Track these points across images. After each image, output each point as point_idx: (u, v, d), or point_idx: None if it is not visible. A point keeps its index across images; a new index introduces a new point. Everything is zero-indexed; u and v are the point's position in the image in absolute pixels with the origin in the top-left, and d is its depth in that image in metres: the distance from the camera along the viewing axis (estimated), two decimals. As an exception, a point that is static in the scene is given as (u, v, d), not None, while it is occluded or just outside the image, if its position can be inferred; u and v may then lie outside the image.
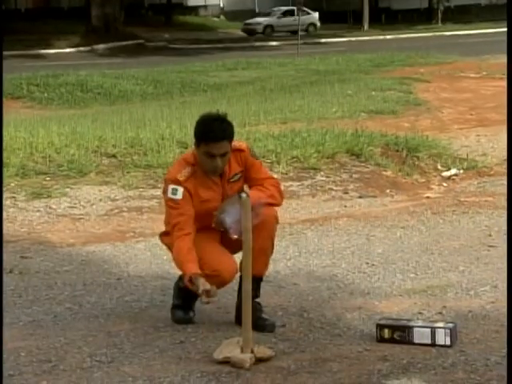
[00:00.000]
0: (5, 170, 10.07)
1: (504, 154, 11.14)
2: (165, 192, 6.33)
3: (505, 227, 8.01)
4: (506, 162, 10.84)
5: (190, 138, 11.00)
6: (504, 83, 19.58)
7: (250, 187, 6.44)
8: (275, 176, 9.77)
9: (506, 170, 10.51)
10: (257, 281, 6.14)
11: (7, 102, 22.96)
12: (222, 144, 6.10)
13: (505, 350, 5.29)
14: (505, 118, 13.65)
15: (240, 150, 6.51)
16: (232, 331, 5.38)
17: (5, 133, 11.73)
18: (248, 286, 5.15)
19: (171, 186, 6.34)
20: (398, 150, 10.81)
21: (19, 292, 6.58)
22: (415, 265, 6.95)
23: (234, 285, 5.72)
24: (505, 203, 8.92)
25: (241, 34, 54.57)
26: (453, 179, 10.14)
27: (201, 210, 6.35)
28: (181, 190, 6.32)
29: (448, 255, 7.21)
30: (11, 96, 23.77)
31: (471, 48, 34.78)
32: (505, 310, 5.92)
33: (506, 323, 5.69)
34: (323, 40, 45.45)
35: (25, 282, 6.79)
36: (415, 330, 5.34)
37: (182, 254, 6.23)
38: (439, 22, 57.20)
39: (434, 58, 28.34)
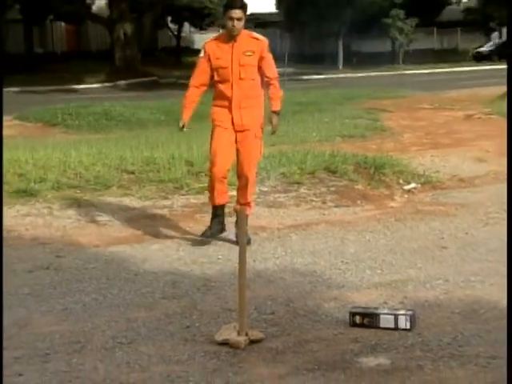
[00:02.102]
0: (42, 184, 10.07)
1: (453, 171, 11.17)
2: None
3: (455, 232, 8.05)
4: (455, 178, 10.85)
5: (196, 158, 11.06)
6: (452, 113, 19.67)
7: (266, 84, 7.95)
8: (265, 189, 9.88)
9: (455, 185, 10.51)
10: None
11: (46, 128, 23.06)
12: (238, 11, 7.67)
13: (455, 333, 5.29)
14: (454, 142, 13.81)
15: (258, 39, 7.98)
16: (230, 318, 5.41)
17: (42, 154, 11.73)
18: (243, 281, 5.12)
19: (201, 51, 8.06)
20: (366, 168, 10.81)
21: (54, 285, 6.59)
22: (381, 263, 6.97)
23: (232, 279, 5.67)
24: (455, 212, 8.98)
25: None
26: (412, 192, 10.14)
27: (216, 65, 7.86)
28: (203, 51, 7.99)
29: (408, 255, 7.23)
30: (49, 123, 23.80)
31: (426, 85, 34.86)
32: (455, 299, 5.96)
33: (456, 310, 5.72)
34: (305, 77, 45.41)
35: (59, 277, 6.80)
36: (381, 316, 5.37)
37: (186, 101, 8.29)
38: (400, 62, 57.24)
39: (395, 92, 28.42)
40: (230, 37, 7.84)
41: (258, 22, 66.80)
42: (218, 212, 7.92)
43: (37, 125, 23.87)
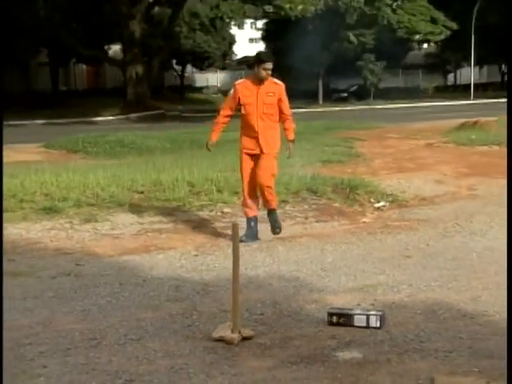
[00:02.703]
0: (65, 202, 10.07)
1: (416, 191, 11.18)
2: None
3: (418, 243, 8.06)
4: (418, 197, 10.86)
5: (196, 180, 11.05)
6: (415, 142, 19.71)
7: (282, 118, 8.71)
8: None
9: (418, 203, 10.52)
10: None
11: (68, 154, 23.07)
12: (271, 64, 8.43)
13: (418, 330, 5.28)
14: (417, 166, 13.82)
15: (278, 84, 8.67)
16: (225, 318, 5.38)
17: (65, 177, 11.72)
18: (236, 286, 5.11)
19: (231, 89, 8.71)
20: (343, 188, 10.84)
21: (74, 289, 6.58)
22: (355, 270, 6.95)
23: (227, 284, 5.64)
24: (418, 226, 8.98)
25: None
26: (381, 209, 10.15)
27: (244, 102, 8.44)
28: (233, 89, 8.63)
29: (378, 263, 7.22)
30: (71, 150, 23.83)
31: (393, 117, 34.98)
32: (418, 301, 5.96)
33: (419, 311, 5.71)
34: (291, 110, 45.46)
35: (78, 282, 6.78)
36: (355, 316, 5.37)
37: (215, 126, 8.74)
38: (371, 98, 57.45)
39: (368, 124, 28.48)
40: (258, 81, 8.49)
41: (249, 64, 67.20)
42: (250, 223, 8.51)
43: (61, 152, 23.90)
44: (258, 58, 8.52)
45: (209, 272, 6.96)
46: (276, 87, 8.59)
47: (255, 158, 8.51)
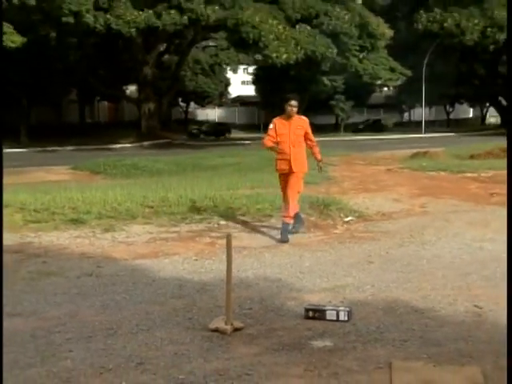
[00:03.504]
0: (88, 215, 10.04)
1: (378, 208, 11.17)
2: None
3: (379, 251, 8.05)
4: (379, 213, 10.84)
5: (197, 197, 11.04)
6: (378, 167, 19.77)
7: (309, 145, 9.32)
8: (247, 220, 9.87)
9: (379, 218, 10.50)
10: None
11: (91, 175, 23.13)
12: (295, 102, 8.99)
13: (378, 323, 5.27)
14: (379, 187, 13.83)
15: (304, 120, 9.24)
16: (220, 312, 5.35)
17: (89, 193, 11.71)
18: (229, 286, 5.09)
19: (271, 124, 9.19)
20: (318, 205, 10.83)
21: (95, 287, 6.54)
22: (327, 273, 6.93)
23: (222, 284, 5.62)
24: (379, 237, 8.98)
25: (227, 135, 54.44)
26: (349, 223, 10.13)
27: (279, 133, 9.04)
28: (272, 124, 9.17)
29: (346, 267, 7.19)
30: (94, 172, 23.94)
31: (359, 147, 35.15)
32: (379, 299, 5.95)
33: (379, 307, 5.71)
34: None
35: (98, 281, 6.74)
36: (327, 311, 5.36)
37: (268, 144, 9.15)
38: (342, 131, 57.65)
39: (339, 152, 28.50)
40: (288, 117, 9.06)
41: (242, 102, 67.26)
42: (285, 226, 8.92)
43: (85, 173, 23.95)
44: (286, 97, 9.18)
45: (206, 274, 6.94)
46: (303, 122, 9.19)
47: (287, 176, 9.11)
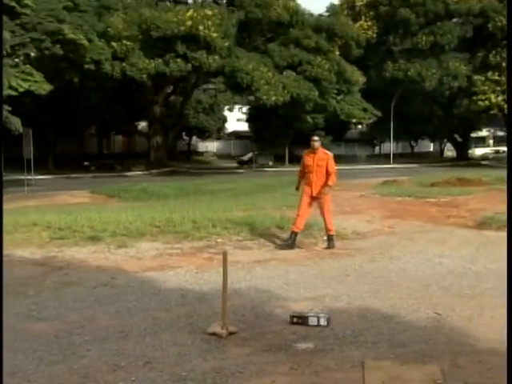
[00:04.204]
0: (104, 233, 10.00)
1: (353, 228, 11.14)
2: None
3: (354, 266, 8.03)
4: (354, 232, 10.81)
5: (198, 218, 11.00)
6: (353, 193, 19.75)
7: (328, 174, 9.48)
8: (240, 238, 9.84)
9: (354, 237, 10.47)
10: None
11: (107, 198, 23.01)
12: (317, 138, 9.67)
13: (353, 328, 5.25)
14: (354, 210, 13.81)
15: (327, 154, 9.67)
16: (217, 318, 5.33)
17: (104, 214, 11.68)
18: (225, 295, 5.08)
19: (303, 157, 9.78)
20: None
21: (110, 296, 6.51)
22: (310, 285, 6.92)
23: (219, 293, 5.59)
24: (354, 253, 8.95)
25: (224, 165, 54.50)
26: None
27: (306, 165, 9.62)
28: (303, 158, 9.76)
29: (326, 279, 7.18)
30: (109, 196, 23.82)
31: (338, 176, 35.07)
32: (354, 307, 5.92)
33: (354, 314, 5.68)
34: (265, 169, 45.61)
35: (112, 291, 6.72)
36: (309, 318, 5.36)
37: (298, 179, 9.91)
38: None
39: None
40: (313, 151, 9.61)
41: (237, 136, 67.41)
42: (292, 236, 9.47)
43: (102, 196, 23.85)
44: (310, 134, 10.24)
45: (206, 285, 6.91)
46: (326, 156, 9.65)
47: (311, 198, 9.55)
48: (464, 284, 6.84)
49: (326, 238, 9.83)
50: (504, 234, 10.45)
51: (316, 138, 9.70)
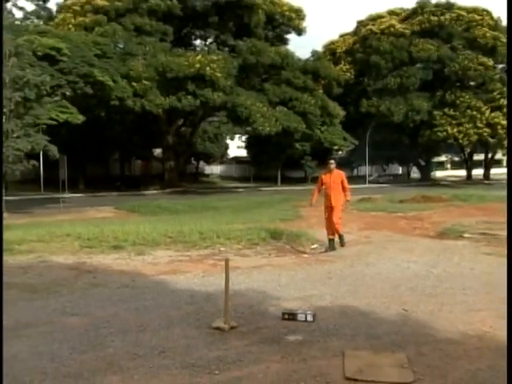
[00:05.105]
0: (125, 242, 9.98)
1: (336, 239, 11.13)
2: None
3: (336, 270, 7.98)
4: (336, 243, 10.77)
5: (205, 230, 10.98)
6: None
7: (344, 190, 9.89)
8: (239, 247, 9.81)
9: (336, 246, 10.41)
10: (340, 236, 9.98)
11: (128, 213, 22.91)
12: (333, 161, 9.96)
13: (335, 323, 5.23)
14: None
15: (341, 173, 10.02)
16: (220, 315, 5.29)
17: (126, 227, 11.66)
18: (227, 295, 5.07)
19: (320, 176, 10.09)
20: (292, 236, 10.83)
21: (130, 295, 6.48)
22: (299, 286, 6.89)
23: (222, 294, 5.58)
24: (336, 260, 8.88)
25: (226, 185, 54.38)
26: (315, 249, 10.11)
27: (324, 183, 9.86)
28: (320, 176, 10.08)
29: (313, 282, 7.16)
30: (130, 211, 23.72)
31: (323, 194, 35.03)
32: (336, 306, 5.89)
33: (336, 311, 5.65)
34: (261, 188, 45.51)
35: (133, 291, 6.69)
36: (298, 314, 5.33)
37: (313, 193, 10.13)
38: (309, 182, 57.56)
39: (306, 198, 28.32)
40: (330, 171, 9.99)
41: (237, 161, 67.47)
42: (330, 242, 9.81)
43: (124, 212, 23.80)
44: (328, 159, 10.46)
45: (211, 287, 6.88)
46: (340, 174, 10.00)
47: (330, 209, 9.86)
48: (427, 285, 6.84)
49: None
50: (461, 243, 10.47)
51: (332, 161, 10.07)
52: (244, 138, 59.53)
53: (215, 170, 67.52)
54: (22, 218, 20.50)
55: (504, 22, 48.44)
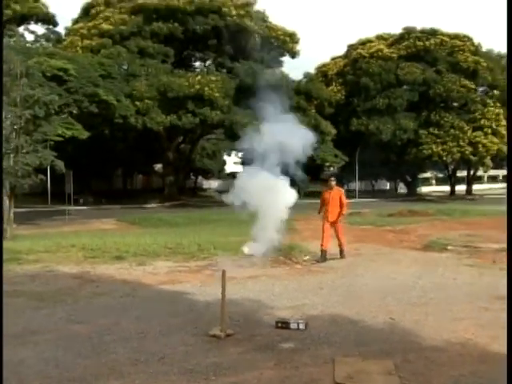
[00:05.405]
0: (127, 253, 9.94)
1: (327, 251, 11.13)
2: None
3: (327, 281, 7.97)
4: (328, 255, 10.78)
5: (203, 242, 10.96)
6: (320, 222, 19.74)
7: (341, 204, 9.97)
8: (236, 259, 9.77)
9: (328, 258, 10.43)
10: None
11: (129, 226, 22.78)
12: (333, 178, 10.14)
13: (326, 331, 5.23)
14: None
15: (340, 190, 10.21)
16: (217, 323, 5.26)
17: (127, 239, 11.65)
18: (224, 304, 5.07)
19: (322, 193, 10.18)
20: (285, 248, 10.71)
21: (132, 304, 6.45)
22: (292, 295, 6.88)
23: (219, 303, 5.58)
24: (328, 271, 8.85)
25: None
26: (307, 261, 10.07)
27: (325, 199, 10.04)
28: (322, 194, 10.18)
29: (305, 292, 7.14)
30: (131, 223, 23.56)
31: (315, 208, 35.01)
32: (326, 314, 5.89)
33: (327, 319, 5.65)
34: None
35: (134, 300, 6.66)
36: (291, 323, 5.35)
37: (320, 208, 10.36)
38: (302, 196, 57.60)
39: (300, 211, 28.40)
40: (330, 188, 10.20)
41: (234, 176, 67.62)
42: (323, 253, 9.83)
43: (126, 224, 23.69)
44: (328, 176, 10.89)
45: (208, 296, 6.85)
46: (339, 192, 10.19)
47: (329, 223, 10.03)
48: (413, 295, 6.86)
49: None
50: (445, 255, 10.50)
51: (333, 179, 10.29)
52: (240, 154, 59.66)
53: (213, 184, 67.47)
54: (30, 229, 20.44)
55: (484, 47, 49.01)
